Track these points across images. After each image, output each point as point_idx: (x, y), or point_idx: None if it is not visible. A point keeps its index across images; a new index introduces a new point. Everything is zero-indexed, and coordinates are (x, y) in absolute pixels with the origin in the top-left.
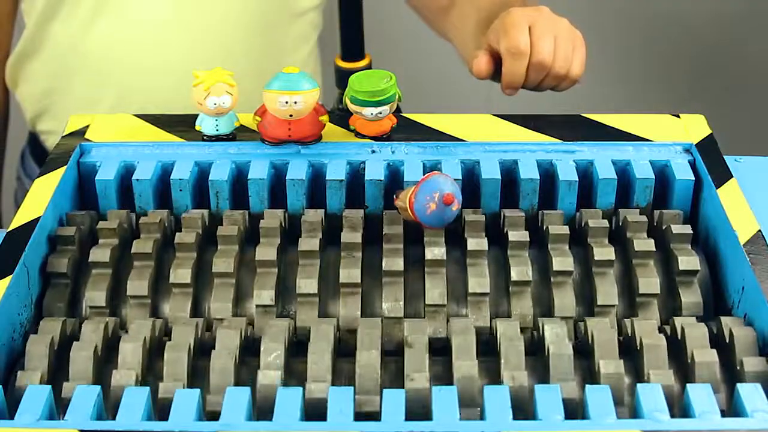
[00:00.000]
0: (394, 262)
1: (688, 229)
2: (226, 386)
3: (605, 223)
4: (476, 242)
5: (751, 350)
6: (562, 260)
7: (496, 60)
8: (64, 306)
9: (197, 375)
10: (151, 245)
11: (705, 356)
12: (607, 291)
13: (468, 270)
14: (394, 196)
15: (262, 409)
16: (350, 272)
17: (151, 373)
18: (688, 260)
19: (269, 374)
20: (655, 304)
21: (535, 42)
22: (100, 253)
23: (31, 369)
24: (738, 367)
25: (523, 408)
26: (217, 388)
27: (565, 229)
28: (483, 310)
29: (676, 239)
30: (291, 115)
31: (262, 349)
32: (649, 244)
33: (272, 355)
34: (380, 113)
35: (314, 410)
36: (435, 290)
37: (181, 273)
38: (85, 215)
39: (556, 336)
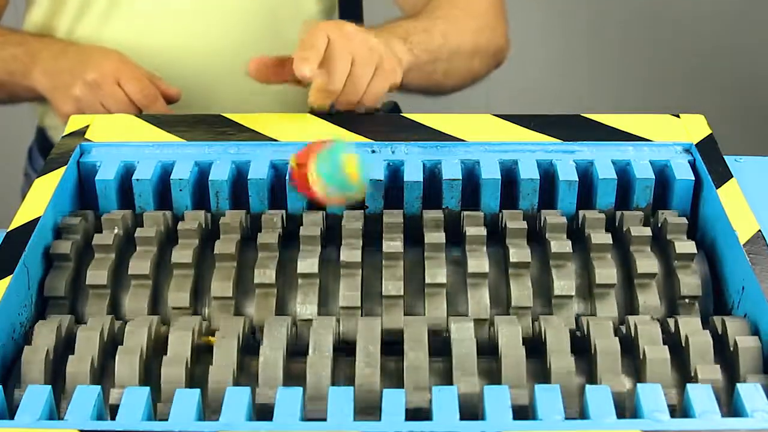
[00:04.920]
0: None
1: (683, 220)
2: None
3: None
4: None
5: (756, 363)
6: (560, 244)
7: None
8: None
9: (197, 374)
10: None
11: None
12: (607, 273)
13: (468, 274)
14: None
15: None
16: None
17: (150, 371)
18: (684, 245)
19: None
20: (654, 287)
21: (326, 64)
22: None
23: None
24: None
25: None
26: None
27: (563, 220)
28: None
29: (672, 229)
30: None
31: (262, 346)
32: (645, 231)
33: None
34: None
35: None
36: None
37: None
38: (85, 216)
39: (555, 332)
